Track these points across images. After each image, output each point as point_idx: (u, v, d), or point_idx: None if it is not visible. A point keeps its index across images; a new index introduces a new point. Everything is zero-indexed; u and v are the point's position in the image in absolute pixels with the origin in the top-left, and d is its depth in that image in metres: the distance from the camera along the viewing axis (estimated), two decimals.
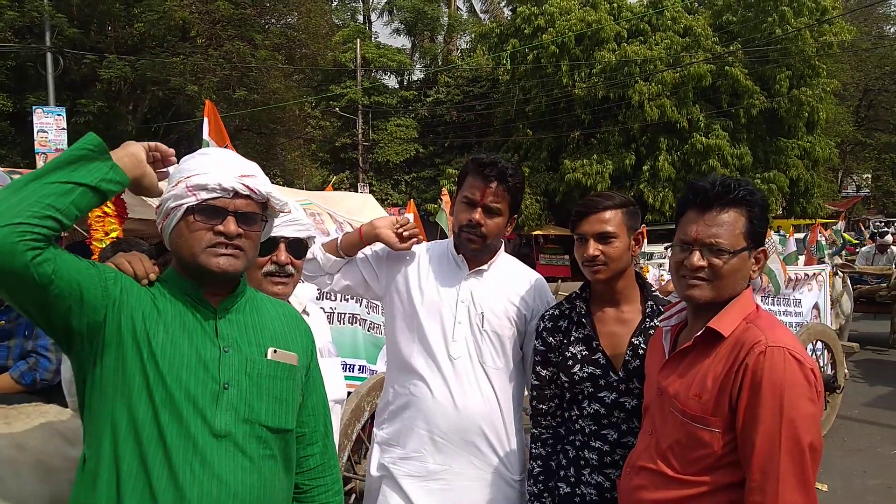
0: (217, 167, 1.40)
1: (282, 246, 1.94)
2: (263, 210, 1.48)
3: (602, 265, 1.95)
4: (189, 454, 1.30)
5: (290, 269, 1.97)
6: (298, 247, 2.00)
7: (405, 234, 2.15)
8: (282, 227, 1.94)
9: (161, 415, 1.30)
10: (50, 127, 14.08)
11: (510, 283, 2.23)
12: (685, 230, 1.65)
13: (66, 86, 17.33)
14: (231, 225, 1.38)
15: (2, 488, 1.57)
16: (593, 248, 1.94)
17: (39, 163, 13.15)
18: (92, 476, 1.32)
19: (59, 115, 14.36)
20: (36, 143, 13.87)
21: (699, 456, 1.57)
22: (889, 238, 11.22)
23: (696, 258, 1.60)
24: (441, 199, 11.34)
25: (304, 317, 2.16)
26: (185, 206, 1.37)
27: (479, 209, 2.09)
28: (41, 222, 1.19)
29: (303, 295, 2.23)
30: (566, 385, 2.04)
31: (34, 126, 14.04)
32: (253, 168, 1.46)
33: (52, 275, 1.23)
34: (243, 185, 1.40)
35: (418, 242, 2.24)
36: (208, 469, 1.31)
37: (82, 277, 1.29)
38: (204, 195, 1.37)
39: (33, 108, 14.59)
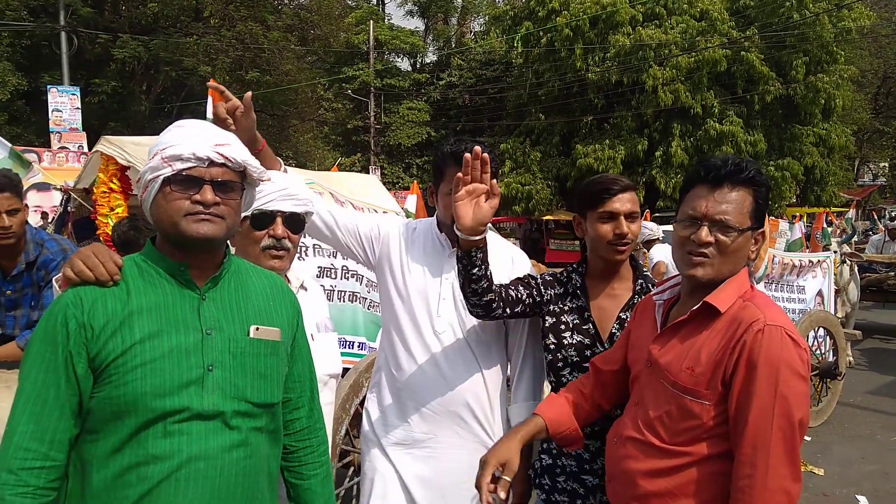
0: (191, 137, 1.40)
1: (279, 220, 1.98)
2: (242, 179, 1.48)
3: (629, 244, 2.02)
4: (176, 437, 1.34)
5: (287, 243, 2.00)
6: (296, 221, 2.03)
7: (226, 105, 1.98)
8: (279, 202, 1.97)
9: (152, 403, 1.32)
10: (64, 106, 14.21)
11: (493, 259, 2.26)
12: (693, 205, 1.65)
13: (81, 65, 17.48)
14: (208, 193, 1.38)
15: None
16: (626, 226, 2.00)
17: (54, 142, 13.30)
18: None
19: (73, 94, 14.49)
20: (50, 122, 14.01)
21: (688, 427, 1.59)
22: None
23: (705, 233, 1.61)
24: None
25: (302, 292, 2.22)
26: (162, 177, 1.38)
27: None
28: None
29: (300, 271, 2.28)
30: (552, 347, 2.11)
31: (49, 105, 14.17)
32: (229, 137, 1.47)
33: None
34: (218, 153, 1.40)
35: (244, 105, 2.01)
36: (197, 448, 1.35)
37: (80, 400, 1.34)
38: (179, 165, 1.37)
39: (48, 87, 14.74)
